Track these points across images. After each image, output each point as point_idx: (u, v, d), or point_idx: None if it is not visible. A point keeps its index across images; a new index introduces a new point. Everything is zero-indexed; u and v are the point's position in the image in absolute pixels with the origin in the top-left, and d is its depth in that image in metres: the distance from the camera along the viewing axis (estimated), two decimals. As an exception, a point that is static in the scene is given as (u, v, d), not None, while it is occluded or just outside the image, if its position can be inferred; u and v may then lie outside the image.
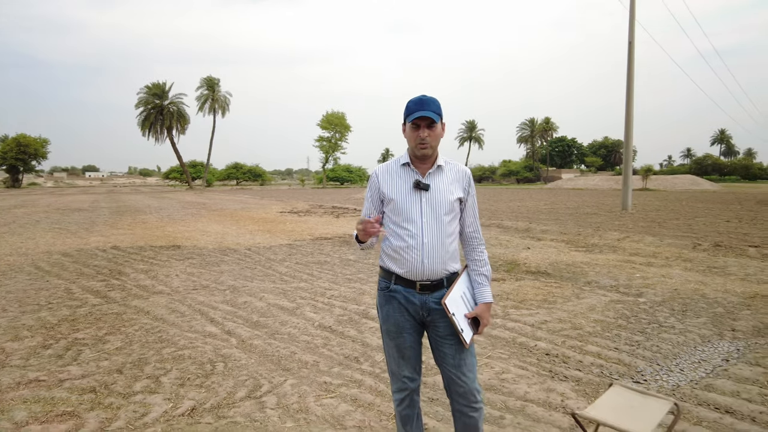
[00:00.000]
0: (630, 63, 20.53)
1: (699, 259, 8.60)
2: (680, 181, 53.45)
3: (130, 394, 3.44)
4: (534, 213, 19.29)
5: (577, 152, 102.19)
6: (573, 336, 4.54)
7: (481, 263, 2.29)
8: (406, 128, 2.16)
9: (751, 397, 3.30)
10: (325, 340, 4.52)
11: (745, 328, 4.77)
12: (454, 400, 2.24)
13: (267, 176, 77.66)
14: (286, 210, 21.65)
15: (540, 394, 3.37)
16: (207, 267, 8.10)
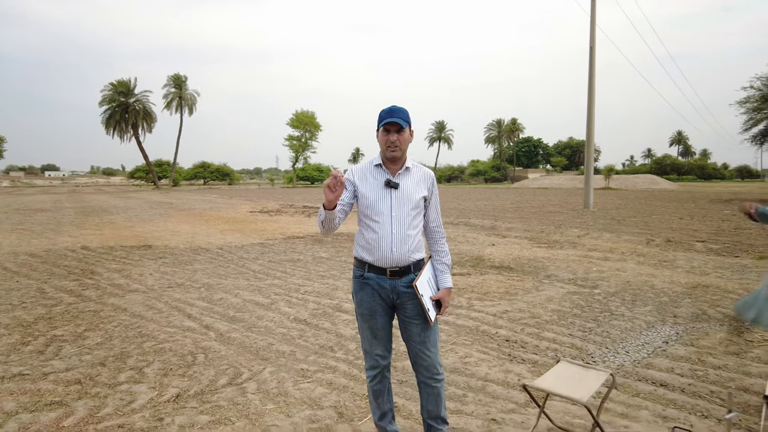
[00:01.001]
0: (591, 66, 21.37)
1: (651, 254, 9.19)
2: (641, 180, 55.49)
3: (116, 384, 3.61)
4: (500, 211, 19.89)
5: (542, 152, 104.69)
6: (531, 324, 4.92)
7: (443, 254, 2.60)
8: (379, 133, 2.44)
9: (683, 372, 3.73)
10: (301, 332, 4.76)
11: (685, 315, 5.25)
12: (419, 372, 2.54)
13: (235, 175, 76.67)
14: (257, 210, 21.65)
15: (499, 374, 3.71)
16: (180, 266, 8.20)
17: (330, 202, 2.20)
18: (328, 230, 2.36)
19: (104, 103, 53.92)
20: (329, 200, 2.19)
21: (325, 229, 2.36)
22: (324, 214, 2.28)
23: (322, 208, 2.27)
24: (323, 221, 2.32)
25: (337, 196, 2.17)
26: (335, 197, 2.18)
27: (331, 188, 2.14)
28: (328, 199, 2.18)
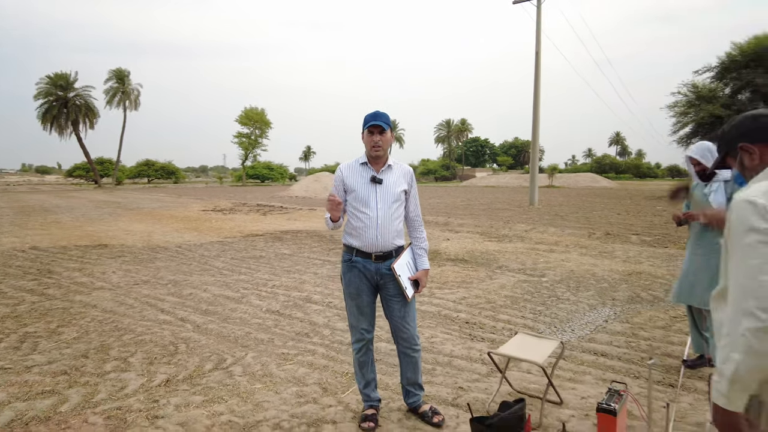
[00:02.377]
0: (537, 70, 22.47)
1: (592, 246, 9.99)
2: (582, 178, 58.32)
3: (103, 373, 3.77)
4: (452, 209, 20.62)
5: (489, 152, 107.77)
6: (487, 308, 5.41)
7: (421, 240, 2.98)
8: (364, 134, 2.80)
9: (620, 344, 4.29)
10: (276, 322, 5.03)
11: (622, 298, 5.90)
12: (399, 344, 2.92)
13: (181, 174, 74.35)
14: (209, 208, 21.37)
15: (463, 351, 4.14)
16: (142, 264, 8.20)
17: (335, 217, 2.81)
18: (336, 228, 2.91)
19: (40, 97, 50.92)
20: (333, 216, 2.80)
21: (334, 229, 2.90)
22: (332, 224, 2.86)
23: (329, 220, 2.84)
24: (333, 227, 2.87)
25: (338, 212, 2.78)
26: (337, 213, 2.79)
27: (332, 207, 2.75)
28: (333, 215, 2.79)
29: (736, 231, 1.40)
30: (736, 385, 1.34)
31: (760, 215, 1.34)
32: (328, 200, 2.74)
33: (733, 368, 1.33)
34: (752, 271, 1.33)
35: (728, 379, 1.35)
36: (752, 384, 1.35)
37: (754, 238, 1.34)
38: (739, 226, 1.39)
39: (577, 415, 3.03)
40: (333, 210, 2.75)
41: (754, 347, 1.30)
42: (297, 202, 25.74)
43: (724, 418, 1.39)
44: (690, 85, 28.16)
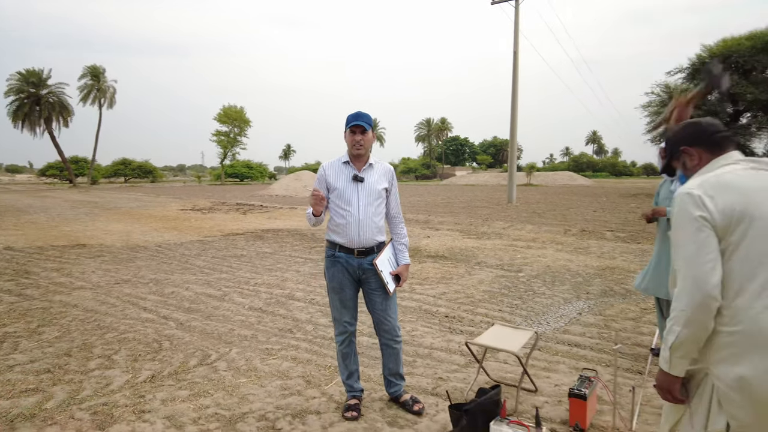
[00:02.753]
0: (515, 70, 22.81)
1: (568, 242, 10.25)
2: (559, 177, 59.24)
3: (87, 370, 3.80)
4: (432, 207, 20.82)
5: (469, 151, 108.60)
6: (466, 303, 5.56)
7: (402, 236, 3.10)
8: (346, 134, 2.90)
9: (592, 335, 4.48)
10: (258, 319, 5.10)
11: (596, 291, 6.11)
12: (381, 336, 3.03)
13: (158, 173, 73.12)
14: (188, 207, 21.18)
15: (442, 343, 4.28)
16: (122, 263, 8.15)
17: (317, 211, 2.86)
18: (317, 225, 2.97)
19: (10, 94, 49.56)
20: (317, 210, 2.87)
21: (315, 225, 2.96)
22: (314, 219, 2.91)
23: (312, 215, 2.89)
24: (314, 222, 2.93)
25: (321, 207, 2.86)
26: (321, 208, 2.85)
27: (316, 201, 2.83)
28: (315, 209, 2.86)
29: (677, 219, 1.59)
30: (677, 352, 1.54)
31: (696, 204, 1.53)
32: (312, 195, 2.82)
33: (674, 338, 1.53)
34: (690, 254, 1.52)
35: (670, 347, 1.55)
36: (691, 352, 1.54)
37: (692, 225, 1.52)
38: (679, 214, 1.57)
39: (551, 402, 3.18)
40: (317, 204, 2.83)
41: (691, 320, 1.49)
42: (277, 201, 25.66)
43: (666, 380, 1.60)
44: (663, 85, 28.94)
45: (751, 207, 1.49)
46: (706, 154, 1.68)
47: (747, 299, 1.48)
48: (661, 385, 1.62)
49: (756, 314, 1.46)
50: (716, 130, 1.69)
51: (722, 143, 1.67)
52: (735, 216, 1.49)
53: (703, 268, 1.48)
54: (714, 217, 1.50)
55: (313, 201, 2.83)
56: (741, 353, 1.48)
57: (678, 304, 1.53)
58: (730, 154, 1.65)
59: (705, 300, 1.47)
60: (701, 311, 1.48)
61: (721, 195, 1.52)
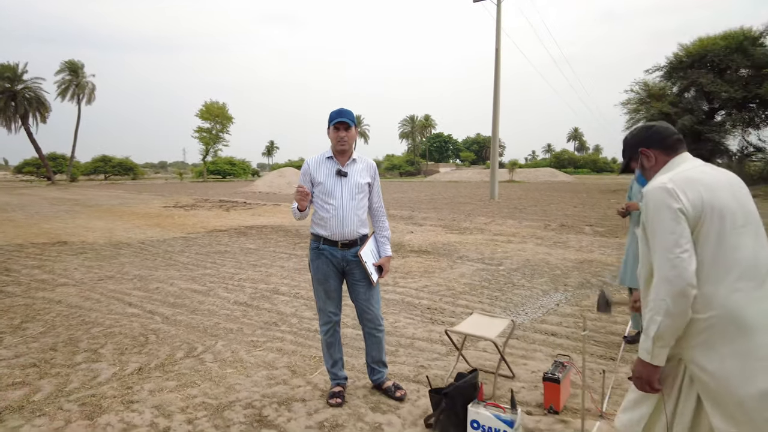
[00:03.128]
0: (497, 67, 23.05)
1: (548, 237, 10.47)
2: (541, 173, 59.90)
3: (74, 364, 3.84)
4: (416, 203, 20.98)
5: (452, 148, 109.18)
6: (448, 295, 5.70)
7: (384, 229, 3.21)
8: (330, 130, 2.99)
9: (569, 324, 4.65)
10: (244, 312, 5.17)
11: (573, 283, 6.30)
12: (364, 325, 3.14)
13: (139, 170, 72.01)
14: (170, 204, 21.02)
15: (424, 334, 4.41)
16: (105, 260, 8.13)
17: (302, 206, 2.95)
18: (302, 219, 3.07)
19: (-16, 89, 48.35)
20: (301, 206, 2.94)
21: (300, 219, 3.05)
22: (299, 213, 3.00)
23: (297, 209, 2.97)
24: (299, 217, 3.02)
25: (306, 202, 2.95)
26: (305, 203, 2.95)
27: (301, 197, 2.92)
28: (300, 205, 2.94)
29: (652, 213, 1.66)
30: (659, 342, 1.61)
31: (672, 197, 1.62)
32: (297, 191, 2.91)
33: (656, 327, 1.60)
34: (668, 244, 1.60)
35: (652, 337, 1.61)
36: (671, 341, 1.62)
37: (668, 215, 1.61)
38: (655, 208, 1.65)
39: (527, 387, 3.33)
40: (302, 200, 2.92)
41: (671, 310, 1.57)
42: (261, 198, 25.57)
43: (646, 370, 1.66)
44: (641, 83, 29.48)
45: (715, 200, 1.61)
46: (662, 156, 1.80)
47: (714, 286, 1.58)
48: (640, 376, 1.68)
49: (724, 299, 1.57)
50: (670, 133, 1.82)
51: (676, 145, 1.80)
52: (704, 208, 1.60)
53: (682, 257, 1.56)
54: (688, 209, 1.60)
55: (298, 196, 2.92)
56: (713, 337, 1.59)
57: (658, 294, 1.59)
58: (683, 156, 1.79)
59: (685, 288, 1.55)
60: (681, 300, 1.55)
61: (691, 189, 1.62)
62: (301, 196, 2.91)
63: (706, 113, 27.41)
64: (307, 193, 2.93)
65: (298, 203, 2.94)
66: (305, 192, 2.91)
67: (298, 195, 2.91)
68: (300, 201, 2.92)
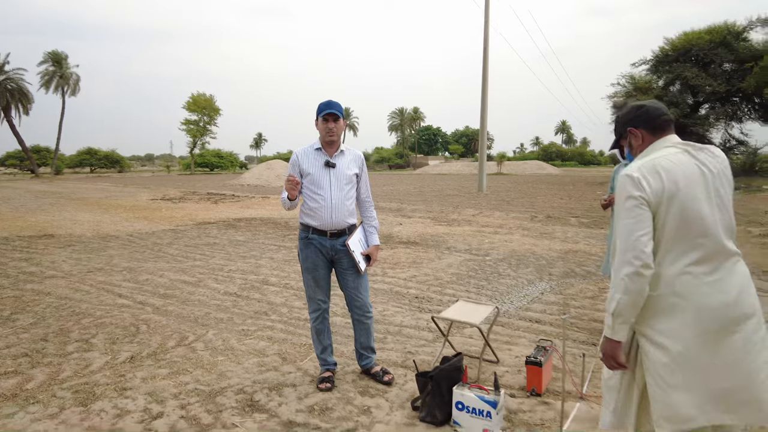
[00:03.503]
0: (485, 59, 23.13)
1: (534, 228, 10.62)
2: (529, 166, 60.31)
3: (66, 353, 3.88)
4: (405, 195, 21.08)
5: (441, 140, 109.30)
6: (435, 284, 5.81)
7: (372, 219, 3.29)
8: (318, 122, 3.05)
9: (552, 312, 4.78)
10: (234, 303, 5.23)
11: (558, 273, 6.44)
12: (353, 312, 3.23)
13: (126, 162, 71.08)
14: (158, 197, 20.90)
15: (411, 321, 4.51)
16: (93, 252, 8.12)
17: (293, 195, 3.00)
18: (292, 208, 3.12)
19: (-36, 81, 47.37)
20: (292, 195, 2.99)
21: (289, 209, 3.12)
22: (289, 203, 3.05)
23: (287, 199, 3.02)
24: (289, 206, 3.07)
25: (296, 191, 3.00)
26: (295, 192, 2.99)
27: (291, 186, 2.96)
28: (291, 194, 2.98)
29: (618, 199, 1.79)
30: (618, 318, 1.74)
31: (635, 185, 1.74)
32: (288, 180, 2.96)
33: (615, 305, 1.73)
34: (629, 228, 1.72)
35: (612, 314, 1.74)
36: (630, 317, 1.74)
37: (631, 203, 1.73)
38: (620, 195, 1.78)
39: (511, 371, 3.44)
40: (292, 189, 2.97)
41: (630, 288, 1.70)
42: (249, 191, 25.50)
43: (610, 346, 1.79)
44: (628, 76, 29.76)
45: (674, 186, 1.72)
46: (649, 136, 1.89)
47: (671, 266, 1.71)
48: (606, 353, 1.80)
49: (673, 278, 1.70)
50: (660, 113, 1.89)
51: (664, 126, 1.88)
52: (665, 195, 1.71)
53: (640, 240, 1.69)
54: (649, 196, 1.71)
55: (288, 186, 2.97)
56: (661, 313, 1.71)
57: (618, 274, 1.73)
58: (669, 137, 1.86)
59: (641, 268, 1.68)
60: (638, 279, 1.68)
61: (655, 177, 1.73)
62: (291, 185, 2.96)
63: (690, 107, 27.78)
64: (298, 183, 2.98)
65: (288, 192, 2.98)
66: (296, 181, 2.96)
67: (289, 184, 2.96)
68: (290, 190, 2.97)
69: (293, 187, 2.97)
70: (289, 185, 2.96)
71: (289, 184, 2.95)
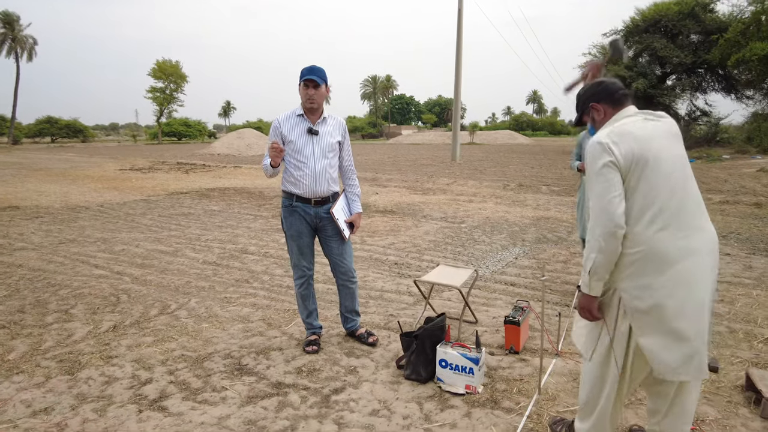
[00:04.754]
0: (459, 28, 22.92)
1: (507, 196, 10.83)
2: (501, 135, 60.68)
3: (46, 324, 3.85)
4: (379, 165, 21.07)
5: (414, 110, 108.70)
6: (413, 251, 5.92)
7: (355, 187, 3.32)
8: (300, 87, 3.03)
9: (526, 276, 4.96)
10: (214, 271, 5.23)
11: (530, 239, 6.63)
12: (338, 277, 3.30)
13: (89, 132, 68.36)
14: (126, 167, 20.33)
15: (392, 286, 4.62)
16: (64, 224, 7.93)
17: (276, 163, 2.98)
18: (274, 175, 3.11)
19: None
20: (275, 162, 2.97)
21: (271, 176, 3.11)
22: (271, 169, 3.03)
23: (269, 165, 3.00)
24: (271, 173, 3.06)
25: (280, 158, 2.98)
26: (279, 159, 2.97)
27: (275, 153, 2.94)
28: (274, 161, 2.96)
29: (589, 164, 1.89)
30: (594, 276, 1.86)
31: (604, 150, 1.84)
32: (272, 147, 2.95)
33: (591, 263, 1.84)
34: (601, 191, 1.83)
35: (588, 271, 1.86)
36: (605, 275, 1.86)
37: (601, 167, 1.83)
38: (591, 160, 1.88)
39: (489, 331, 3.59)
40: (276, 156, 2.96)
41: (604, 247, 1.81)
42: (220, 160, 25.03)
43: (586, 300, 1.92)
44: (599, 46, 29.97)
45: (645, 151, 1.82)
46: (610, 109, 1.99)
47: (643, 226, 1.82)
48: (582, 306, 1.95)
49: (650, 237, 1.81)
50: (618, 88, 2.01)
51: (622, 99, 1.99)
52: (634, 159, 1.81)
53: (612, 202, 1.79)
54: (619, 160, 1.81)
55: (272, 153, 2.95)
56: (639, 269, 1.83)
57: (593, 234, 1.84)
58: (628, 108, 1.98)
59: (613, 228, 1.79)
60: (611, 239, 1.79)
61: (624, 142, 1.83)
62: (275, 152, 2.94)
63: (658, 77, 28.27)
64: (282, 150, 2.96)
65: (272, 159, 2.97)
66: (280, 148, 2.94)
67: (273, 152, 2.95)
68: (274, 157, 2.95)
69: (277, 154, 2.95)
70: (273, 152, 2.94)
71: (273, 152, 2.94)
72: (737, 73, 24.53)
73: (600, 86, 2.02)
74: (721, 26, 24.68)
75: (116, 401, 2.72)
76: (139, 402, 2.71)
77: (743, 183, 12.46)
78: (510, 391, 2.76)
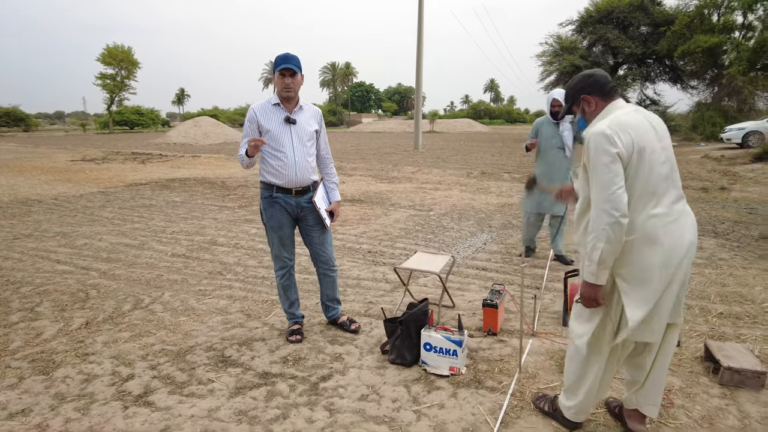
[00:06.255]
0: (420, 15, 22.95)
1: (471, 184, 11.04)
2: (459, 124, 61.37)
3: (11, 324, 3.70)
4: (342, 153, 20.97)
5: (374, 98, 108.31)
6: (385, 239, 5.99)
7: (333, 175, 3.34)
8: (275, 77, 3.01)
9: (496, 260, 5.11)
10: (185, 264, 5.14)
11: (497, 225, 6.81)
12: (319, 267, 3.32)
13: (33, 120, 64.85)
14: (78, 158, 19.45)
15: (368, 274, 4.67)
16: (16, 218, 7.57)
17: (252, 153, 2.94)
18: (250, 166, 3.06)
19: None
20: (252, 154, 2.94)
21: (248, 167, 3.06)
22: (248, 160, 2.99)
23: (245, 157, 2.97)
24: (248, 164, 3.02)
25: (259, 151, 2.95)
26: (257, 152, 2.94)
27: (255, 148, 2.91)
28: (251, 153, 2.93)
29: (593, 155, 1.92)
30: (602, 265, 1.91)
31: (609, 141, 1.89)
32: (254, 145, 2.88)
33: (599, 253, 1.89)
34: (606, 182, 1.88)
35: (596, 261, 1.91)
36: (611, 263, 1.93)
37: (607, 158, 1.89)
38: (595, 151, 1.92)
39: (467, 314, 3.70)
40: (256, 150, 2.91)
41: (611, 237, 1.87)
42: (176, 149, 24.29)
43: (592, 290, 1.98)
44: (555, 36, 30.70)
45: (640, 142, 1.91)
46: (601, 102, 2.07)
47: (638, 213, 1.91)
48: (587, 296, 1.99)
49: (643, 223, 1.91)
50: (607, 81, 2.09)
51: (611, 92, 2.08)
52: (635, 150, 1.89)
53: (618, 193, 1.85)
54: (622, 151, 1.87)
55: (252, 149, 2.90)
56: (633, 253, 1.93)
57: (599, 224, 1.87)
58: (618, 101, 2.07)
59: (621, 218, 1.84)
60: (618, 228, 1.85)
61: (624, 134, 1.90)
62: (255, 148, 2.89)
63: (611, 67, 29.24)
64: (263, 142, 2.91)
65: (249, 151, 2.91)
66: (261, 142, 2.89)
67: (252, 148, 2.89)
68: (254, 150, 2.90)
69: (259, 148, 2.91)
70: (253, 148, 2.89)
71: (254, 147, 2.88)
72: (683, 64, 25.68)
73: (591, 78, 2.09)
74: (668, 19, 25.74)
75: (99, 399, 2.67)
76: (123, 398, 2.66)
77: (690, 169, 13.13)
78: (492, 371, 2.87)
